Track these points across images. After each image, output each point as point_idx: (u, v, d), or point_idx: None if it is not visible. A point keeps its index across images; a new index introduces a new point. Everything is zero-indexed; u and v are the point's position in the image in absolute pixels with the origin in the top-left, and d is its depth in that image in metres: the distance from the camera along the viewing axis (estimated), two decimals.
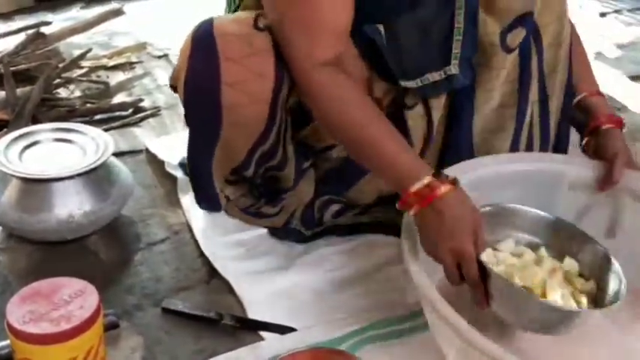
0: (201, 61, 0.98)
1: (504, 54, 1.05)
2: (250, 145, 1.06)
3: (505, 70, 1.07)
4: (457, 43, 1.03)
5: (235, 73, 0.98)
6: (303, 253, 1.18)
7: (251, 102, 1.00)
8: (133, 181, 1.27)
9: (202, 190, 1.15)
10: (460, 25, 1.02)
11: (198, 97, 1.01)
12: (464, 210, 0.86)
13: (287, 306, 1.05)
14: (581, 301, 0.91)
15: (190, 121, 1.06)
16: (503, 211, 0.98)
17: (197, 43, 0.99)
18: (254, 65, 0.98)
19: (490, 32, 1.04)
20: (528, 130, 1.15)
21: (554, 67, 1.12)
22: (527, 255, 0.96)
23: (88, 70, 1.90)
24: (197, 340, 0.99)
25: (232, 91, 0.98)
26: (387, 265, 1.16)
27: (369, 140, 0.94)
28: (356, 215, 1.24)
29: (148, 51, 2.09)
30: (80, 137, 1.24)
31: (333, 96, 0.96)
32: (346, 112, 0.96)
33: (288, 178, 1.15)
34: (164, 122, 1.66)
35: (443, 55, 1.04)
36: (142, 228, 1.25)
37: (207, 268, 1.14)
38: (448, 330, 0.81)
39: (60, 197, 1.14)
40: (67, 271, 0.91)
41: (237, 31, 0.98)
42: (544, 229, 0.99)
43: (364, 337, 0.98)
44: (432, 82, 1.04)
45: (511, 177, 1.06)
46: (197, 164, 1.11)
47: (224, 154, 1.08)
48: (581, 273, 0.96)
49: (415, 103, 1.07)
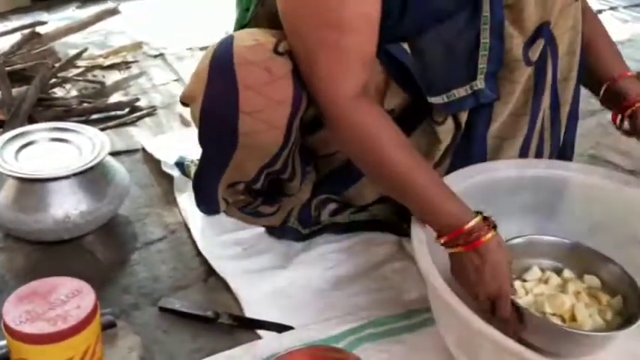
0: (220, 89, 0.96)
1: (525, 67, 1.05)
2: (261, 165, 1.06)
3: (523, 81, 1.08)
4: (483, 58, 1.03)
5: (254, 102, 0.96)
6: (301, 251, 1.18)
7: (268, 129, 0.99)
8: (129, 181, 1.27)
9: (205, 198, 1.16)
10: (486, 41, 1.02)
11: (215, 123, 1.00)
12: (503, 255, 0.89)
13: (284, 304, 1.05)
14: (608, 318, 0.96)
15: (205, 144, 1.05)
16: (525, 241, 1.04)
17: (216, 70, 0.97)
18: (273, 93, 0.96)
19: (514, 46, 1.03)
20: (539, 137, 1.15)
21: (568, 74, 1.12)
22: (554, 279, 1.02)
23: (84, 69, 1.90)
24: (194, 339, 0.99)
25: (250, 119, 0.97)
26: (384, 263, 1.16)
27: (411, 183, 0.92)
28: (353, 213, 1.24)
29: (144, 50, 2.09)
30: (76, 137, 1.23)
31: (370, 136, 0.93)
32: (386, 154, 0.92)
33: (295, 187, 1.16)
34: (160, 121, 1.66)
35: (469, 70, 1.04)
36: (139, 227, 1.24)
37: (204, 267, 1.14)
38: (454, 319, 0.83)
39: (56, 197, 1.14)
40: (64, 270, 0.91)
41: (256, 57, 0.95)
42: (564, 253, 1.05)
43: (361, 336, 0.98)
44: (459, 97, 1.04)
45: (522, 182, 1.09)
46: (206, 180, 1.11)
47: (234, 173, 1.07)
48: (605, 289, 1.01)
49: (444, 118, 1.06)
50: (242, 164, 1.05)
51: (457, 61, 1.03)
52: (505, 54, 1.04)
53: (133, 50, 2.07)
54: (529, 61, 1.05)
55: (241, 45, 0.96)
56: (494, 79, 1.05)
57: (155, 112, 1.70)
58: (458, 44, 1.02)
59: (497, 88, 1.06)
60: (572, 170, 1.13)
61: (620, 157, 1.64)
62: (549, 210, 1.11)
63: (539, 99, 1.10)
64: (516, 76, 1.06)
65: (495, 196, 1.02)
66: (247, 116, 0.96)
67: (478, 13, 1.01)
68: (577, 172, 1.13)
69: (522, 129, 1.12)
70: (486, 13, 1.01)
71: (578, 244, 1.04)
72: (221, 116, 0.98)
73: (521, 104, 1.10)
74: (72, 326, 0.79)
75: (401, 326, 1.00)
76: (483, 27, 1.02)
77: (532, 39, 1.03)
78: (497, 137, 1.13)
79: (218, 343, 0.97)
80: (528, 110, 1.11)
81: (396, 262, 1.16)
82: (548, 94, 1.11)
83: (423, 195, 0.92)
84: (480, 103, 1.06)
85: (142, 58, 2.05)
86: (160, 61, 2.04)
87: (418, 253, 0.89)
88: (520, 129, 1.12)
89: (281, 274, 1.11)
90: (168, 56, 2.05)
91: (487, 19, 1.01)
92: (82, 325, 0.80)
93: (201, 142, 1.04)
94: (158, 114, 1.69)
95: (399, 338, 0.98)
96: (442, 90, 1.03)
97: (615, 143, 1.71)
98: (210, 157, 1.07)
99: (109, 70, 1.95)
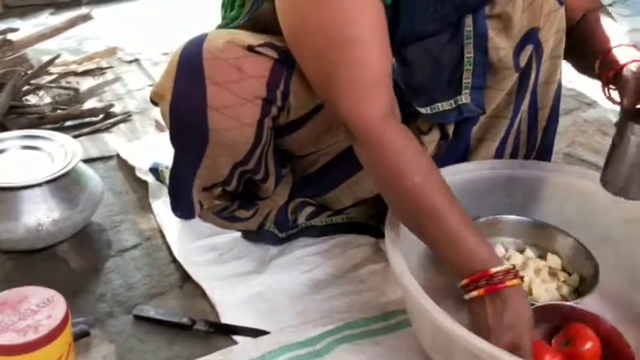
0: (187, 85, 0.95)
1: (514, 74, 1.06)
2: (233, 163, 1.05)
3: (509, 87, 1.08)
4: (467, 72, 1.03)
5: (222, 98, 0.94)
6: (277, 255, 1.18)
7: (238, 126, 0.97)
8: (103, 188, 1.26)
9: (180, 201, 1.14)
10: (470, 55, 1.03)
11: (184, 119, 0.98)
12: (525, 304, 0.85)
13: (261, 309, 1.05)
14: (564, 293, 1.01)
15: (176, 142, 1.03)
16: (490, 220, 1.08)
17: (184, 65, 0.95)
18: (242, 91, 0.95)
19: (503, 57, 1.03)
20: (514, 139, 1.16)
21: (550, 77, 1.12)
22: (516, 258, 1.06)
23: (58, 76, 1.88)
24: (170, 346, 0.98)
25: (219, 115, 0.95)
26: (361, 266, 1.16)
27: (441, 220, 0.87)
28: (330, 216, 1.24)
29: (118, 56, 2.07)
30: (48, 144, 1.22)
31: (401, 161, 0.90)
32: (417, 184, 0.88)
33: (269, 190, 1.15)
34: (135, 127, 1.65)
35: (454, 84, 1.04)
36: (113, 235, 1.23)
37: (179, 273, 1.13)
38: (428, 321, 0.83)
39: (28, 205, 1.12)
40: (37, 280, 0.90)
41: (226, 55, 0.93)
42: (526, 231, 1.09)
43: (339, 337, 0.97)
44: (443, 110, 1.04)
45: (495, 183, 1.11)
46: (179, 181, 1.10)
47: (207, 171, 1.06)
48: (565, 267, 1.06)
49: (429, 127, 1.07)
50: (214, 163, 1.03)
51: (441, 75, 1.04)
52: (495, 65, 1.04)
53: (108, 56, 2.05)
54: (519, 68, 1.06)
55: (213, 41, 0.95)
56: (480, 92, 1.05)
57: (130, 117, 1.68)
58: (442, 57, 1.02)
59: (483, 102, 1.06)
60: (547, 170, 1.14)
61: (594, 155, 1.65)
62: (522, 210, 1.12)
63: (520, 102, 1.11)
64: (505, 83, 1.07)
65: (469, 197, 1.02)
66: (216, 112, 0.95)
67: (461, 28, 1.01)
68: (551, 171, 1.14)
69: (500, 132, 1.13)
70: (469, 27, 1.02)
71: (538, 221, 1.08)
72: (189, 112, 0.96)
73: (502, 107, 1.11)
74: (43, 336, 0.78)
75: (378, 328, 1.00)
76: (467, 42, 1.02)
77: (521, 45, 1.03)
78: (474, 139, 1.13)
79: (194, 349, 0.96)
80: (509, 113, 1.12)
81: (372, 264, 1.16)
82: (529, 97, 1.12)
83: (452, 235, 0.87)
84: (463, 117, 1.06)
85: (116, 64, 2.03)
86: (134, 66, 2.02)
87: (392, 255, 0.89)
88: (498, 132, 1.13)
89: (257, 278, 1.11)
90: (144, 61, 2.04)
91: (470, 33, 1.02)
92: (53, 335, 0.79)
93: (172, 140, 1.03)
94: (133, 120, 1.68)
95: (376, 340, 0.98)
96: (427, 102, 1.04)
97: (590, 141, 1.73)
98: (182, 155, 1.05)
99: (83, 77, 1.93)
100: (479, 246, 0.86)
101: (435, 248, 0.91)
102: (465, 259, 0.86)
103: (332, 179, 1.18)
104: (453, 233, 0.87)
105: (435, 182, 0.90)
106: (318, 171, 1.17)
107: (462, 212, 0.88)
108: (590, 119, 1.84)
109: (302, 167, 1.19)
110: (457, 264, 0.87)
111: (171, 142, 1.04)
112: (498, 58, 1.03)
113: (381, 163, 0.92)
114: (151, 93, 1.04)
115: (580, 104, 1.93)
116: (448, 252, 0.88)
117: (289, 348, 0.95)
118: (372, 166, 0.94)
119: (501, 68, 1.04)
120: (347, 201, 1.20)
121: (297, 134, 1.09)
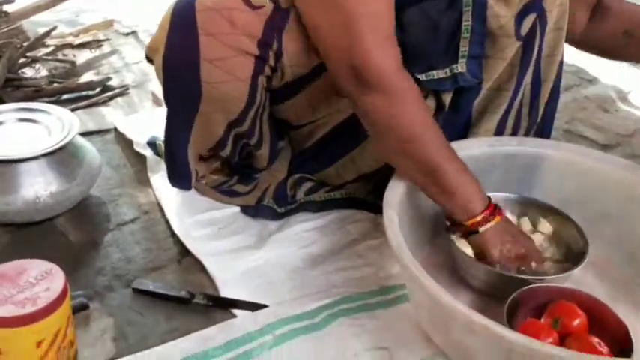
0: (180, 36, 0.95)
1: (516, 42, 1.05)
2: (228, 122, 1.04)
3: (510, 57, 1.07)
4: (465, 40, 1.03)
5: (215, 49, 0.94)
6: (276, 230, 1.18)
7: (231, 79, 0.97)
8: (101, 161, 1.25)
9: (176, 168, 1.14)
10: (468, 23, 1.02)
11: (177, 72, 0.98)
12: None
13: (259, 284, 1.05)
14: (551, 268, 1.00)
15: (169, 96, 1.03)
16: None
17: (177, 17, 0.96)
18: (234, 43, 0.94)
19: (504, 23, 1.02)
20: (517, 112, 1.16)
21: (554, 50, 1.11)
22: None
23: (54, 48, 1.86)
24: (169, 319, 0.98)
25: (212, 67, 0.95)
26: (359, 241, 1.16)
27: (445, 167, 0.94)
28: (328, 192, 1.24)
29: (115, 28, 2.05)
30: (45, 117, 1.21)
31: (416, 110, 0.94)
32: (430, 130, 0.94)
33: (263, 158, 1.15)
34: (132, 101, 1.63)
35: (450, 52, 1.03)
36: (112, 208, 1.23)
37: (178, 247, 1.13)
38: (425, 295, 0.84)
39: (25, 178, 1.12)
40: (36, 253, 0.89)
41: (219, 6, 0.94)
42: (515, 206, 1.09)
43: (336, 311, 0.98)
44: (437, 78, 1.04)
45: (494, 160, 1.11)
46: (174, 140, 1.09)
47: (201, 132, 1.06)
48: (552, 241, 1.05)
49: (425, 95, 1.06)
50: (208, 121, 1.03)
51: (438, 41, 1.03)
52: (495, 33, 1.03)
53: (105, 28, 2.03)
54: (520, 37, 1.04)
55: None
56: (477, 62, 1.05)
57: (127, 91, 1.67)
58: (440, 22, 1.01)
59: (480, 71, 1.06)
60: (546, 147, 1.14)
61: (594, 132, 1.65)
62: (521, 187, 1.11)
63: (523, 74, 1.10)
64: (507, 53, 1.06)
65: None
66: (209, 64, 0.95)
67: None
68: (550, 148, 1.13)
69: (503, 104, 1.12)
70: None
71: (525, 196, 1.09)
72: (182, 64, 0.96)
73: (505, 79, 1.10)
74: (41, 308, 0.78)
75: (376, 302, 1.01)
76: (465, 9, 1.01)
77: (523, 13, 1.02)
78: (476, 111, 1.13)
79: (193, 323, 0.97)
80: (511, 86, 1.11)
81: (371, 239, 1.16)
82: (532, 70, 1.11)
83: (461, 179, 0.94)
84: (459, 86, 1.05)
85: (113, 37, 2.01)
86: (132, 39, 2.00)
87: (390, 231, 0.89)
88: (500, 104, 1.12)
89: (256, 253, 1.11)
90: (141, 34, 2.02)
91: (469, 1, 1.00)
92: (52, 307, 0.79)
93: (165, 96, 1.03)
94: (130, 93, 1.67)
95: (373, 314, 0.98)
96: (423, 69, 1.03)
97: (589, 118, 1.72)
98: (176, 111, 1.05)
99: (80, 49, 1.91)
100: (479, 186, 0.96)
101: (444, 192, 0.95)
102: (476, 197, 0.95)
103: (330, 155, 1.18)
104: (463, 176, 0.95)
105: (440, 131, 0.96)
106: (316, 145, 1.17)
107: (459, 158, 0.96)
108: (590, 96, 1.84)
109: (299, 140, 1.18)
110: (468, 205, 0.95)
111: (164, 99, 1.03)
112: (499, 25, 1.02)
113: (401, 113, 0.93)
114: (145, 49, 1.04)
115: (580, 80, 1.92)
116: (458, 194, 0.95)
117: (287, 321, 0.95)
118: (389, 115, 0.93)
119: (502, 36, 1.03)
120: (347, 176, 1.20)
121: (293, 101, 1.08)
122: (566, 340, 0.87)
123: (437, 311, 0.85)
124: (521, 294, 0.92)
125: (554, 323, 0.89)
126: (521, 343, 0.74)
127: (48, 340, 0.80)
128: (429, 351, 0.91)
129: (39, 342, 0.79)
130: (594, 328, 0.89)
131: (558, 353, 0.73)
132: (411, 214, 1.01)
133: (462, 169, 0.96)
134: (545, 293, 0.93)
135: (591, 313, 0.90)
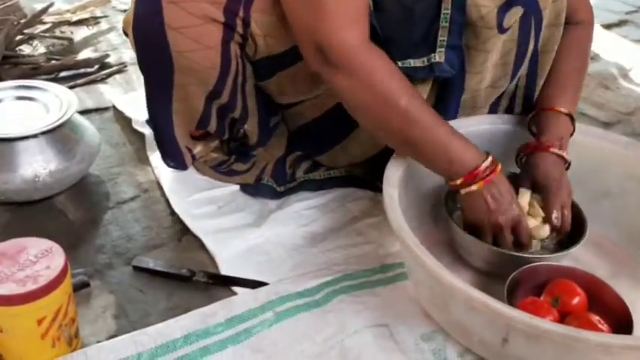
0: (145, 6, 0.95)
1: (498, 35, 1.03)
2: (206, 95, 1.03)
3: (498, 51, 1.06)
4: (443, 30, 1.01)
5: (179, 17, 0.94)
6: (276, 209, 1.17)
7: (201, 48, 0.97)
8: (99, 139, 1.24)
9: (167, 147, 1.14)
10: (447, 11, 1.00)
11: (146, 42, 0.98)
12: (510, 187, 0.97)
13: (259, 262, 1.05)
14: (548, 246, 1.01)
15: (143, 67, 1.03)
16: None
17: None
18: (198, 11, 0.94)
19: (485, 14, 1.00)
20: (509, 98, 1.15)
21: (550, 46, 1.10)
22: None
23: (52, 25, 1.84)
24: (169, 297, 0.99)
25: (179, 35, 0.95)
26: (359, 219, 1.16)
27: (429, 133, 0.93)
28: (328, 170, 1.24)
29: (112, 5, 2.03)
30: (43, 95, 1.20)
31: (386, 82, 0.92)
32: (403, 100, 0.91)
33: (253, 133, 1.14)
34: (131, 78, 1.62)
35: (428, 41, 1.02)
36: (111, 186, 1.22)
37: (178, 225, 1.13)
38: (425, 273, 0.84)
39: (24, 157, 1.11)
40: (36, 231, 0.89)
41: None
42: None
43: (337, 288, 0.98)
44: (413, 66, 1.03)
45: (495, 137, 1.10)
46: (157, 116, 1.09)
47: (182, 107, 1.05)
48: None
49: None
50: (186, 94, 1.03)
51: (416, 28, 1.01)
52: (476, 24, 1.01)
53: (102, 5, 2.01)
54: (503, 29, 1.02)
55: None
56: (455, 52, 1.03)
57: (125, 68, 1.66)
58: (417, 8, 1.00)
59: (458, 62, 1.04)
60: None
61: (596, 110, 1.64)
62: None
63: (517, 71, 1.10)
64: (489, 45, 1.04)
65: None
66: (175, 32, 0.95)
67: None
68: None
69: (493, 99, 1.13)
70: None
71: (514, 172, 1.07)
72: (150, 33, 0.96)
73: (499, 76, 1.10)
74: (42, 286, 0.78)
75: (376, 279, 1.01)
76: None
77: (507, 5, 1.00)
78: (468, 107, 1.13)
79: (193, 300, 0.97)
80: (505, 83, 1.11)
81: (371, 217, 1.16)
82: (527, 64, 1.11)
83: (442, 143, 0.93)
84: (435, 75, 1.04)
85: (111, 13, 1.99)
86: None
87: (389, 209, 0.89)
88: (489, 100, 1.13)
89: (256, 231, 1.11)
90: None
91: None
92: (52, 285, 0.79)
93: (141, 68, 1.03)
94: (128, 70, 1.65)
95: (374, 291, 0.99)
96: (399, 57, 1.01)
97: (591, 96, 1.71)
98: (152, 85, 1.05)
99: (78, 26, 1.89)
100: (466, 147, 0.94)
101: (428, 159, 0.96)
102: (459, 160, 0.93)
103: (324, 141, 1.18)
104: (445, 141, 0.93)
105: (421, 98, 0.96)
106: (310, 128, 1.16)
107: (444, 121, 0.95)
108: (591, 73, 1.82)
109: (292, 119, 1.18)
110: (451, 168, 0.94)
111: (141, 72, 1.03)
112: (479, 15, 1.00)
113: (371, 88, 0.92)
114: (123, 22, 1.04)
115: None
116: (441, 159, 0.94)
117: (288, 298, 0.95)
118: (361, 93, 0.93)
119: (483, 27, 1.01)
120: (341, 162, 1.21)
121: (277, 79, 1.07)
122: (567, 318, 0.87)
123: (437, 289, 0.85)
124: (521, 273, 0.92)
125: (554, 302, 0.90)
126: (521, 319, 0.74)
127: (49, 318, 0.80)
128: (429, 328, 0.92)
129: (40, 320, 0.79)
130: (594, 306, 0.90)
131: (558, 330, 0.74)
132: (411, 192, 1.01)
133: (445, 133, 0.93)
134: (545, 272, 0.93)
135: (591, 292, 0.91)
